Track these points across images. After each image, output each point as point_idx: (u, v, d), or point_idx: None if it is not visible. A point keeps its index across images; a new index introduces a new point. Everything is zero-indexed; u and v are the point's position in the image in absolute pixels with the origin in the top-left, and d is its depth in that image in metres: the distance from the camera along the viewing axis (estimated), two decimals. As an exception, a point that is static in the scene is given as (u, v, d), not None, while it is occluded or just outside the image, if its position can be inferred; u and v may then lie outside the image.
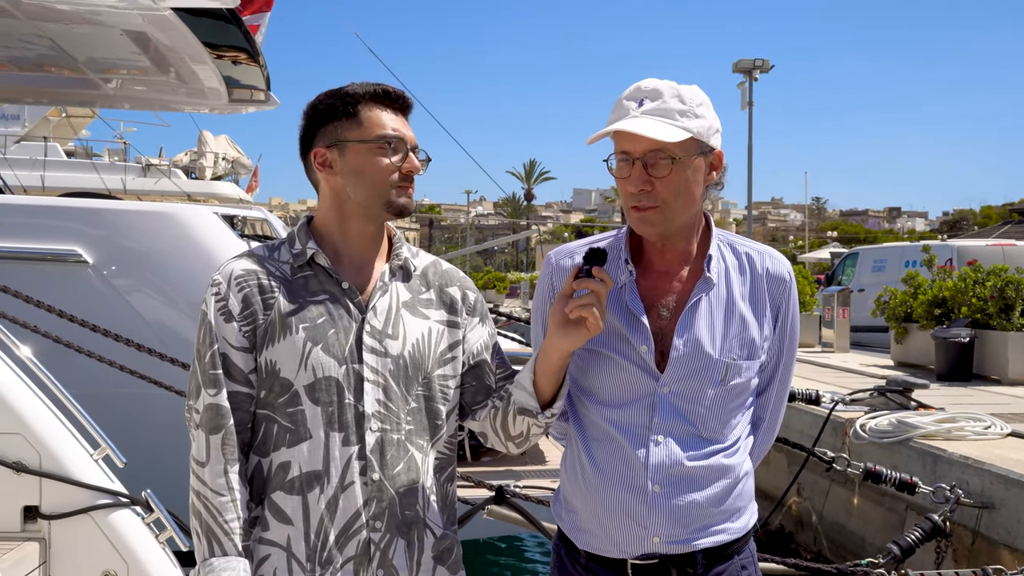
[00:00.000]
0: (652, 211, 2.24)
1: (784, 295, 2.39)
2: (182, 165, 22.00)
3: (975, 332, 11.51)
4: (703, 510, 2.28)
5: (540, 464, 8.70)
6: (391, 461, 2.24)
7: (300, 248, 2.31)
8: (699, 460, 2.27)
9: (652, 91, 2.23)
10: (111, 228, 7.00)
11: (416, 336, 2.32)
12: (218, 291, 2.26)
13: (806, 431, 8.40)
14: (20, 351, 3.82)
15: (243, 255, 2.33)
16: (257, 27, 10.46)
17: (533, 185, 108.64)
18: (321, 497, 2.20)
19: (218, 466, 2.19)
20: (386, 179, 2.28)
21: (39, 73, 8.76)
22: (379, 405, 2.24)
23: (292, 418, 2.21)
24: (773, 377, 2.45)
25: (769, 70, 26.82)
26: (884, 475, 6.00)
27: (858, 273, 20.44)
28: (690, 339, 2.27)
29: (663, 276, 2.35)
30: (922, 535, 5.44)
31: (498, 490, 4.47)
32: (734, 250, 2.40)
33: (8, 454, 3.52)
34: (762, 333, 2.34)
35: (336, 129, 2.29)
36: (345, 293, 2.28)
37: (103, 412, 3.92)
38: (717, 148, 2.28)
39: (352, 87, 2.29)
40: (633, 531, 2.27)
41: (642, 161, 2.21)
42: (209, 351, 2.23)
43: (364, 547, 2.21)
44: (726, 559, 2.33)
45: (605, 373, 2.31)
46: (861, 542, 7.78)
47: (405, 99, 2.34)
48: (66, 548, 3.56)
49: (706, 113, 2.24)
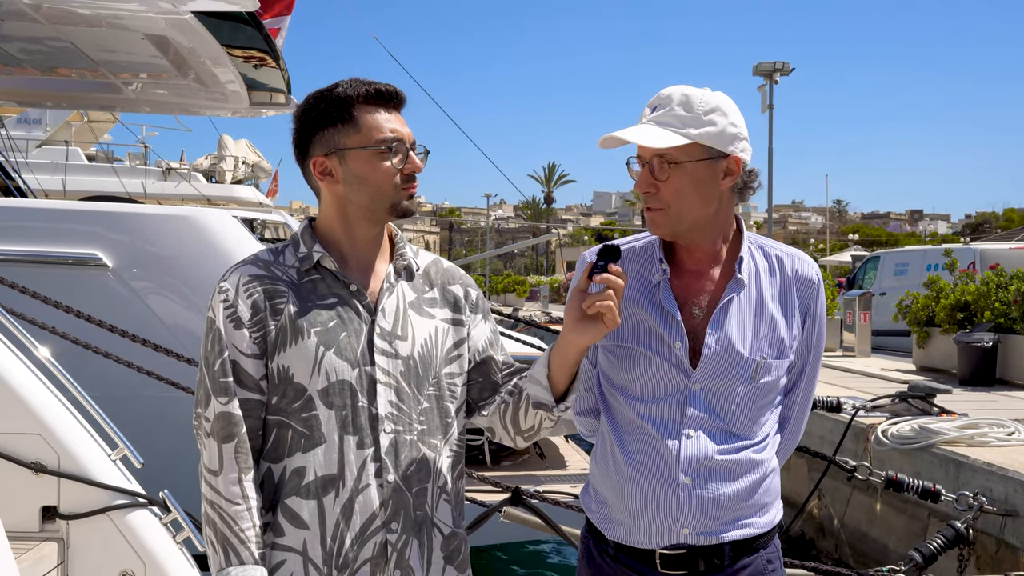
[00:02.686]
0: (658, 212, 2.34)
1: (812, 296, 2.46)
2: (202, 169, 22.14)
3: (998, 337, 11.41)
4: (732, 503, 2.33)
5: (560, 468, 8.68)
6: (405, 462, 2.24)
7: (306, 252, 2.30)
8: (729, 454, 2.33)
9: (665, 98, 2.32)
10: (131, 232, 7.03)
11: (424, 336, 2.32)
12: (226, 298, 2.25)
13: (827, 437, 8.35)
14: (39, 352, 3.83)
15: (248, 260, 2.32)
16: (278, 30, 10.50)
17: (553, 188, 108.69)
18: (337, 501, 2.20)
19: (232, 474, 2.18)
20: (389, 183, 2.27)
21: (60, 77, 8.82)
22: (392, 407, 2.24)
23: (307, 423, 2.20)
24: (800, 377, 2.51)
25: (789, 73, 26.74)
26: (906, 483, 5.94)
27: (880, 277, 20.34)
28: (722, 337, 2.34)
29: (695, 276, 2.41)
30: (945, 542, 5.38)
31: (514, 491, 4.44)
32: (764, 252, 2.47)
33: (27, 454, 3.54)
34: (791, 333, 2.41)
35: (333, 136, 2.27)
36: (354, 295, 2.28)
37: (122, 413, 3.93)
38: (734, 153, 2.32)
39: (343, 88, 2.27)
40: (663, 522, 2.32)
41: (649, 165, 2.32)
42: (219, 359, 2.22)
43: (381, 549, 2.21)
44: (753, 552, 2.39)
45: (638, 369, 2.37)
46: (883, 549, 7.72)
47: (399, 95, 2.32)
48: (84, 548, 3.58)
49: (718, 120, 2.29)
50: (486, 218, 79.37)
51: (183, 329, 6.86)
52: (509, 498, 4.41)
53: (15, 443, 3.54)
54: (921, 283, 13.94)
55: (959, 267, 13.97)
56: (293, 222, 8.92)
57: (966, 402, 9.45)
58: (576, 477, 8.32)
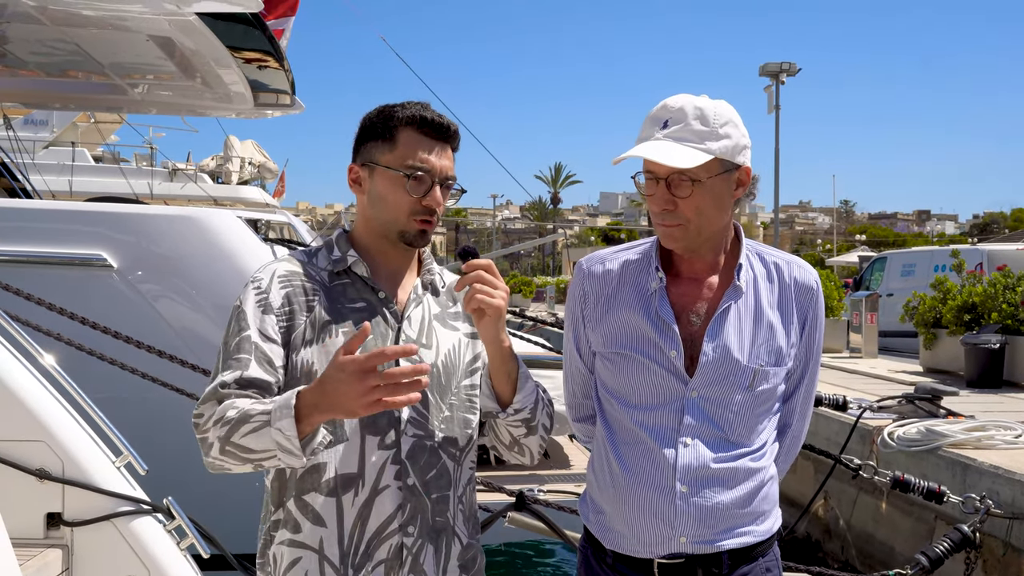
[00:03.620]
0: (676, 228, 2.31)
1: (811, 304, 2.45)
2: (208, 170, 22.16)
3: (1005, 338, 11.36)
4: (729, 511, 2.32)
5: (564, 468, 8.66)
6: (425, 467, 2.26)
7: (340, 255, 2.34)
8: (726, 462, 2.32)
9: (676, 111, 2.27)
10: (135, 232, 7.02)
11: (448, 347, 2.36)
12: (259, 286, 2.26)
13: (833, 438, 8.32)
14: (43, 358, 3.83)
15: (283, 258, 2.36)
16: (282, 31, 10.53)
17: (559, 189, 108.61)
18: (355, 500, 2.21)
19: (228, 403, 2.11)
20: (404, 210, 2.29)
21: (66, 78, 8.83)
22: (414, 411, 2.26)
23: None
24: (799, 384, 2.50)
25: (796, 73, 26.71)
26: (912, 484, 5.91)
27: (886, 277, 20.30)
28: (719, 345, 2.33)
29: (693, 284, 2.40)
30: (951, 546, 5.36)
31: (518, 496, 4.43)
32: (762, 259, 2.46)
33: (31, 461, 3.55)
34: (789, 340, 2.41)
35: (372, 149, 2.31)
36: (382, 302, 2.31)
37: (125, 418, 3.93)
38: (744, 165, 2.31)
39: (400, 109, 2.30)
40: (660, 531, 2.32)
41: (665, 181, 2.27)
42: (237, 337, 2.21)
43: (396, 551, 2.22)
44: (751, 561, 2.39)
45: (635, 376, 2.37)
46: (890, 551, 7.70)
47: (447, 129, 2.32)
48: (88, 555, 3.58)
49: (731, 132, 2.27)
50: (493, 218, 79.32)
51: (188, 330, 6.86)
52: (513, 503, 4.40)
53: (20, 450, 3.54)
54: (928, 284, 13.90)
55: (966, 268, 13.91)
56: (298, 223, 8.91)
57: (973, 404, 9.40)
58: (580, 476, 8.28)
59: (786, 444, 2.54)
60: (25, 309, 4.48)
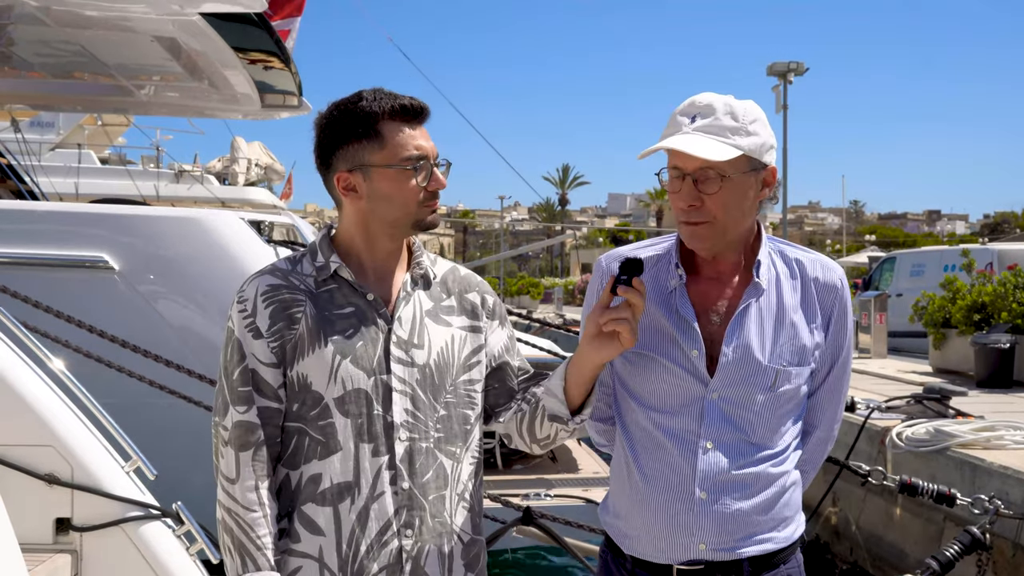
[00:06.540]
0: (702, 226, 2.25)
1: (836, 302, 2.39)
2: (215, 171, 22.17)
3: (1015, 338, 11.30)
4: (749, 518, 2.29)
5: (572, 472, 8.64)
6: (420, 469, 2.26)
7: (323, 261, 2.31)
8: (747, 468, 2.28)
9: (706, 107, 2.23)
10: (137, 234, 7.02)
11: (441, 344, 2.33)
12: (244, 308, 2.26)
13: (841, 439, 8.25)
14: (52, 363, 3.83)
15: (266, 270, 2.33)
16: (288, 32, 10.53)
17: (567, 190, 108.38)
18: (352, 508, 2.21)
19: (249, 482, 2.20)
20: (414, 201, 2.28)
21: (72, 80, 8.84)
22: (407, 415, 2.25)
23: (323, 431, 2.23)
24: (825, 384, 2.44)
25: (804, 73, 26.61)
26: (921, 487, 5.88)
27: (896, 278, 20.24)
28: (740, 345, 2.28)
29: (714, 282, 2.36)
30: (961, 548, 5.32)
31: (525, 511, 4.39)
32: (784, 257, 2.41)
33: (40, 466, 3.54)
34: (813, 339, 2.35)
35: (358, 152, 2.26)
36: (371, 305, 2.29)
37: (134, 422, 3.92)
38: (770, 164, 2.28)
39: (367, 103, 2.25)
40: (679, 538, 2.29)
41: (692, 177, 2.22)
42: (238, 368, 2.24)
43: (396, 556, 2.22)
44: (772, 568, 2.34)
45: (654, 377, 2.33)
46: (900, 554, 7.67)
47: (424, 110, 2.31)
48: (97, 560, 3.57)
49: (760, 130, 2.24)
50: (500, 220, 79.27)
51: (190, 332, 6.87)
52: (520, 518, 4.36)
53: (29, 455, 3.53)
54: (938, 284, 13.84)
55: (976, 268, 13.86)
56: (302, 224, 8.90)
57: (982, 404, 9.38)
58: (588, 481, 8.27)
59: (813, 447, 2.47)
60: (33, 314, 4.47)
